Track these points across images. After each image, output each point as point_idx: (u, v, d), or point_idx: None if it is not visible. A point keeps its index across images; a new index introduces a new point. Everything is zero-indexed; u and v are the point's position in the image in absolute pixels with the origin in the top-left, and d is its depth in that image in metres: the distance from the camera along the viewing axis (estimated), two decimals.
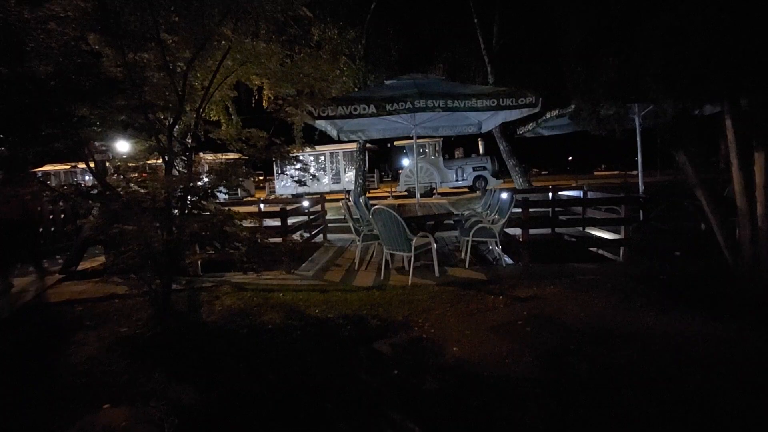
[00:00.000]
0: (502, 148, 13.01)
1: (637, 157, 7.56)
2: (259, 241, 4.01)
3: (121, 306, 4.20)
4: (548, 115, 7.59)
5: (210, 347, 3.20)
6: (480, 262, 5.45)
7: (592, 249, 6.35)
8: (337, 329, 3.41)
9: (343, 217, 6.77)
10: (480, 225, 5.12)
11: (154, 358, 3.03)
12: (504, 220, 5.09)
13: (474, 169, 17.84)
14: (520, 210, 5.30)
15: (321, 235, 7.59)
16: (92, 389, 2.65)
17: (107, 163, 4.48)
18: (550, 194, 9.02)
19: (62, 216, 7.27)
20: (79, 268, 5.57)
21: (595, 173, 37.62)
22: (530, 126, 8.90)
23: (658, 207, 5.73)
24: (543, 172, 44.80)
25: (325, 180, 19.44)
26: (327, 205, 8.45)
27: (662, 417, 2.11)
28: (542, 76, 11.89)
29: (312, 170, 4.71)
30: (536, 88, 6.18)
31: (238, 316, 3.82)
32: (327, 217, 8.19)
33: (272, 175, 19.54)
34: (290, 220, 5.69)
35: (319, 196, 9.00)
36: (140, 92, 3.60)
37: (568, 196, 8.92)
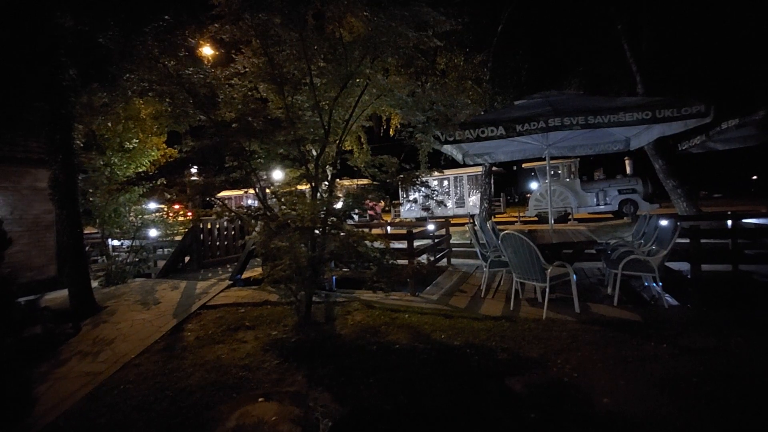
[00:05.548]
0: (657, 166, 11.06)
1: None
2: (387, 261, 4.20)
3: (272, 312, 4.83)
4: (724, 126, 6.21)
5: (344, 359, 3.41)
6: (632, 300, 4.63)
7: None
8: (463, 358, 3.29)
9: (468, 241, 6.63)
10: (632, 256, 4.38)
11: (297, 361, 3.38)
12: (665, 252, 4.24)
13: (620, 192, 15.52)
14: (687, 240, 4.39)
15: (445, 259, 7.55)
16: (251, 382, 3.08)
17: (267, 189, 5.33)
18: (729, 222, 7.26)
19: (233, 233, 8.85)
20: (243, 276, 6.65)
21: None
22: (697, 140, 7.40)
23: None
24: (714, 195, 36.59)
25: (449, 204, 19.47)
26: (451, 229, 8.40)
27: None
28: (708, 81, 9.88)
29: (437, 195, 4.76)
30: (701, 94, 5.13)
31: (367, 332, 4.01)
32: (451, 241, 8.12)
33: (397, 198, 20.44)
34: (415, 243, 5.80)
35: (443, 219, 9.00)
36: (295, 128, 4.22)
37: (756, 224, 7.06)
